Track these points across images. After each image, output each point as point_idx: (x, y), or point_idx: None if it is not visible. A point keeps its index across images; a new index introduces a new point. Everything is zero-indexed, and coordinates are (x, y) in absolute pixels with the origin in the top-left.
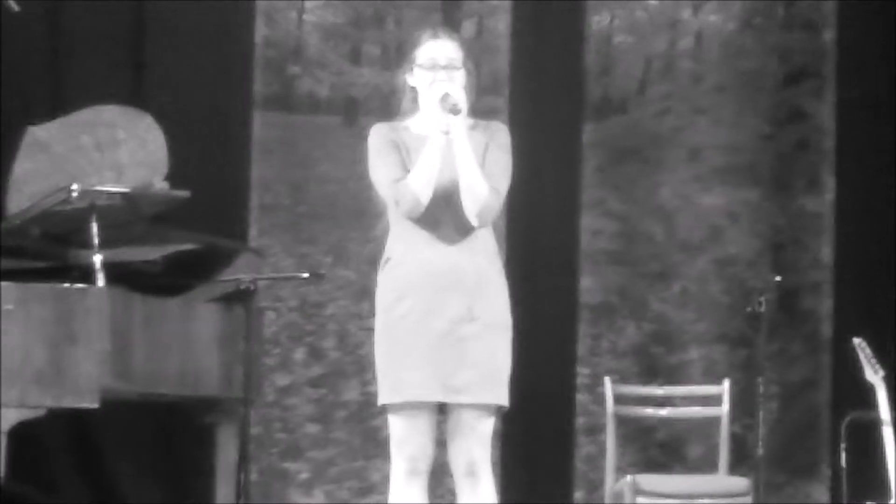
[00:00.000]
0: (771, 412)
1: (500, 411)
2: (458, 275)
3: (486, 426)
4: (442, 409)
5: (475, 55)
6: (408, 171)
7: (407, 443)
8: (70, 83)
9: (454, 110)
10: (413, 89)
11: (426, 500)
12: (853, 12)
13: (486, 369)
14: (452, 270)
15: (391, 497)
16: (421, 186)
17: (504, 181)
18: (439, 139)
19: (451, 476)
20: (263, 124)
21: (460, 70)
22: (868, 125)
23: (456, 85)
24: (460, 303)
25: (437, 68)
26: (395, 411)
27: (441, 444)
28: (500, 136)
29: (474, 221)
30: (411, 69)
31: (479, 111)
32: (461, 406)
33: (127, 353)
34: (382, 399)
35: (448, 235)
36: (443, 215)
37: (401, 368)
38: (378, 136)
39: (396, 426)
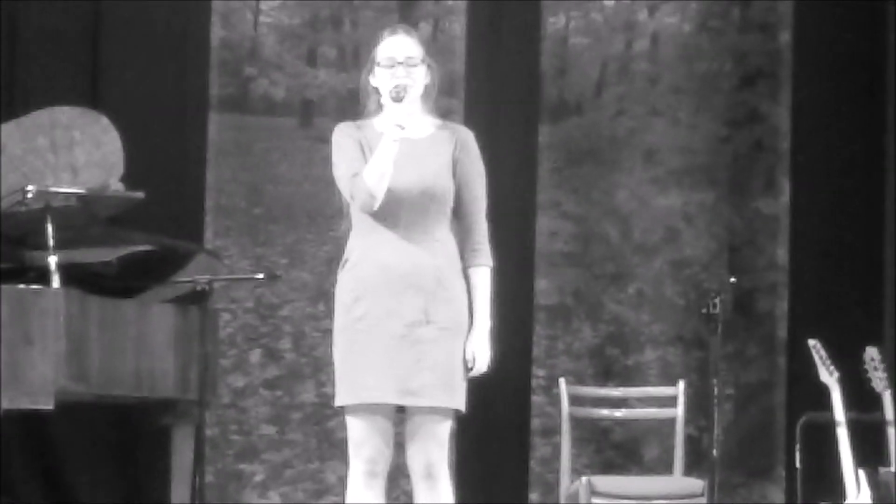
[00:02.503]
0: (726, 413)
1: (456, 414)
2: (417, 277)
3: (444, 429)
4: (400, 412)
5: (431, 57)
6: None
7: (365, 445)
8: (26, 84)
9: (397, 97)
10: (376, 90)
11: (384, 502)
12: (809, 14)
13: (442, 372)
14: (411, 272)
15: (348, 499)
16: (374, 181)
17: (483, 207)
18: (394, 133)
19: (407, 478)
20: (219, 126)
21: (419, 66)
22: (823, 127)
23: (416, 79)
24: (418, 305)
25: (396, 65)
26: (352, 413)
27: (398, 446)
28: (471, 148)
29: None
30: (372, 69)
31: (435, 112)
32: (419, 409)
33: (82, 354)
34: (339, 400)
35: (408, 236)
36: (402, 215)
37: (358, 370)
38: (341, 134)
39: (354, 428)
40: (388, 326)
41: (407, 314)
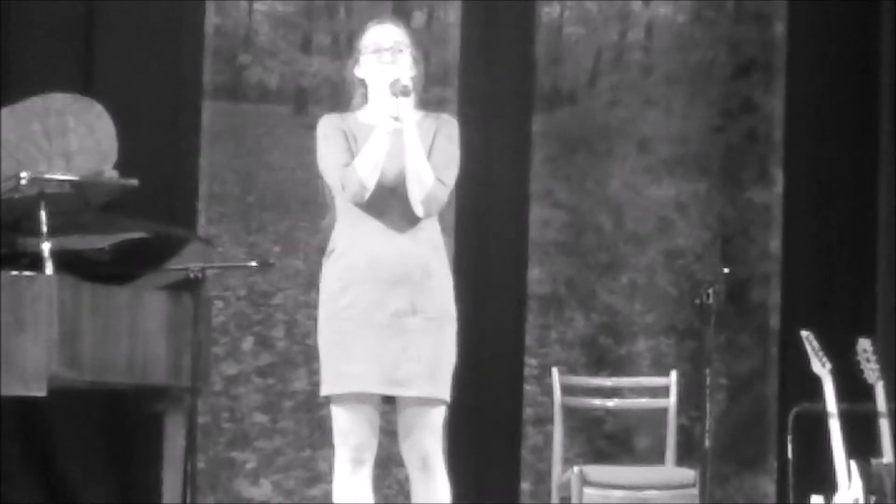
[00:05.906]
0: (718, 404)
1: (445, 404)
2: (403, 267)
3: (436, 418)
4: (389, 402)
5: (425, 45)
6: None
7: (351, 434)
8: (19, 71)
9: (404, 92)
10: (362, 82)
11: (370, 491)
12: (803, 5)
13: (428, 362)
14: (397, 262)
15: (335, 488)
16: (367, 171)
17: (450, 172)
18: (388, 124)
19: (399, 466)
20: (213, 113)
21: (405, 53)
22: (817, 117)
23: (401, 67)
24: (404, 295)
25: (382, 51)
26: (338, 402)
27: (391, 434)
28: (448, 127)
29: (419, 211)
30: (357, 59)
31: (429, 102)
32: (409, 400)
33: (75, 340)
34: (325, 390)
35: (395, 226)
36: (390, 205)
37: (343, 359)
38: (327, 125)
39: (340, 417)
40: (374, 316)
41: (393, 304)
